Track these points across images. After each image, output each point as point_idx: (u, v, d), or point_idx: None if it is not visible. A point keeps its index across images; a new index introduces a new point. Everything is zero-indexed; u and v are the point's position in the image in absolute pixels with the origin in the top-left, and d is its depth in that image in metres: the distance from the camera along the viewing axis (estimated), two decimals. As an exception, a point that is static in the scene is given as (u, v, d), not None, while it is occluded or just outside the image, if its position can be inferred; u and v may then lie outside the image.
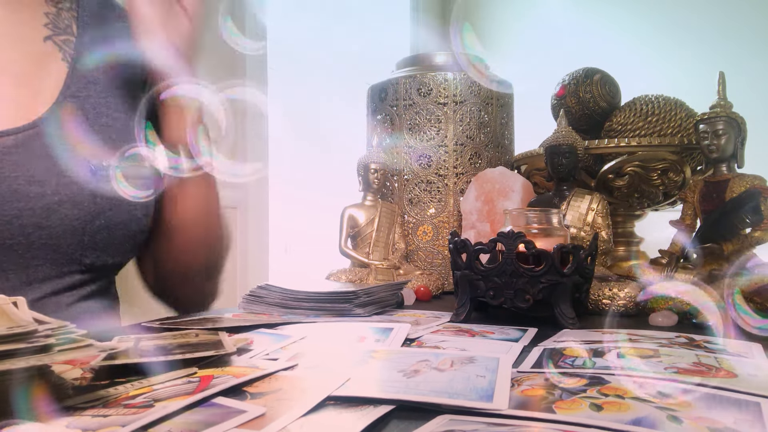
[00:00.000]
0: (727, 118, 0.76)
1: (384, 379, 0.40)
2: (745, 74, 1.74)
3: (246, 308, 0.74)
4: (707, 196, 0.77)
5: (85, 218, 0.63)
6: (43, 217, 0.61)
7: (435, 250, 1.04)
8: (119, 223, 0.67)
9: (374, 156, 1.01)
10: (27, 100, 0.64)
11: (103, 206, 0.65)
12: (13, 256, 0.61)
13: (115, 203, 0.66)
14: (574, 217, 0.86)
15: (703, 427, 0.31)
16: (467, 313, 0.66)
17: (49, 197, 0.61)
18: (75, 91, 0.67)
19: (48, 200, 0.61)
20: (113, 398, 0.36)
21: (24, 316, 0.37)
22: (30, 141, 0.62)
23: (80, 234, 0.64)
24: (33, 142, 0.62)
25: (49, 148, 0.62)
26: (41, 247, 0.62)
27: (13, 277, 0.61)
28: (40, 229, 0.61)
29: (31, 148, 0.62)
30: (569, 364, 0.44)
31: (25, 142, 0.62)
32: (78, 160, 0.63)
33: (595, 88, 1.07)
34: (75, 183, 0.63)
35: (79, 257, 0.65)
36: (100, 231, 0.65)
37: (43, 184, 0.61)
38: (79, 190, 0.63)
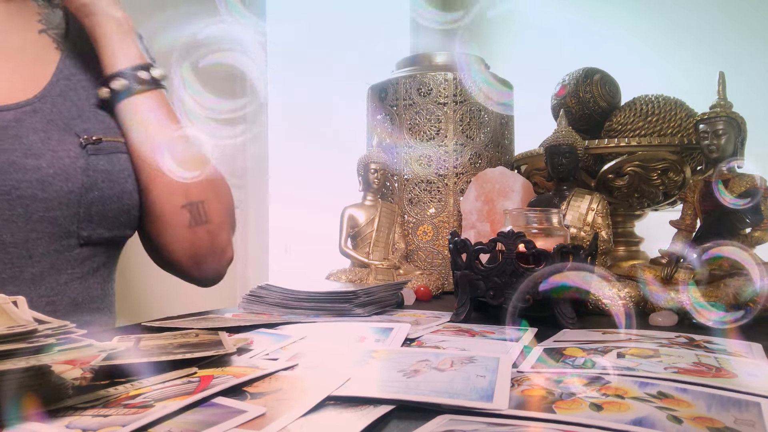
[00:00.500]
0: (727, 118, 0.76)
1: (384, 379, 0.40)
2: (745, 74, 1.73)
3: (246, 308, 0.74)
4: (707, 196, 0.77)
5: (78, 191, 0.66)
6: (39, 189, 0.64)
7: (435, 250, 1.04)
8: (112, 195, 0.69)
9: (374, 156, 1.01)
10: (24, 80, 0.68)
11: (95, 179, 0.67)
12: (13, 228, 0.63)
13: (107, 176, 0.68)
14: (574, 217, 0.86)
15: (703, 427, 0.31)
16: (467, 313, 0.66)
17: (44, 170, 0.64)
18: (68, 75, 0.71)
19: (43, 173, 0.64)
20: (113, 398, 0.36)
21: (24, 316, 0.37)
22: (27, 116, 0.65)
23: (75, 206, 0.66)
24: (30, 117, 0.65)
25: (45, 124, 0.66)
26: (39, 220, 0.64)
27: (13, 251, 0.63)
28: (37, 201, 0.64)
29: (28, 123, 0.65)
30: (569, 364, 0.44)
31: (22, 118, 0.65)
32: (70, 135, 0.67)
33: (595, 88, 1.07)
34: (67, 156, 0.66)
35: (75, 230, 0.67)
36: (94, 203, 0.67)
37: (38, 156, 0.64)
38: (71, 162, 0.66)
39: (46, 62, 0.71)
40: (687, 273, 0.75)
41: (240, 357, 0.46)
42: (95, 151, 0.68)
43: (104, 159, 0.69)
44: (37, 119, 0.66)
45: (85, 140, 0.67)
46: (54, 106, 0.68)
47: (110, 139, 0.70)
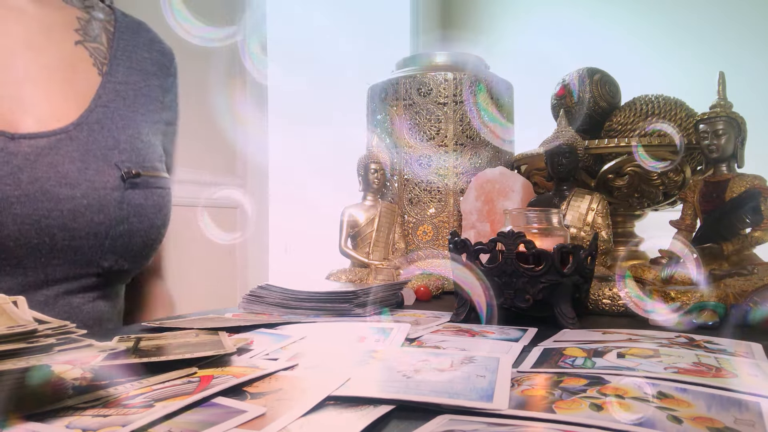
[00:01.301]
0: (727, 118, 0.76)
1: (384, 379, 0.40)
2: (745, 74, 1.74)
3: (246, 308, 0.74)
4: (707, 196, 0.77)
5: (109, 223, 0.65)
6: (69, 219, 0.62)
7: (435, 250, 1.04)
8: (140, 230, 0.68)
9: (374, 156, 1.01)
10: (60, 103, 0.66)
11: (127, 213, 0.67)
12: (36, 254, 0.62)
13: (139, 211, 0.68)
14: (574, 217, 0.86)
15: (703, 427, 0.31)
16: (467, 313, 0.66)
17: (78, 200, 0.63)
18: (106, 101, 0.69)
19: (77, 203, 0.63)
20: (113, 398, 0.36)
21: (24, 316, 0.37)
22: (62, 144, 0.63)
23: (102, 238, 0.65)
24: (66, 145, 0.64)
25: (82, 153, 0.64)
26: (63, 248, 0.63)
27: (32, 274, 0.63)
28: (65, 231, 0.62)
29: (64, 151, 0.63)
30: (569, 364, 0.44)
31: (58, 145, 0.63)
32: (108, 166, 0.66)
33: (595, 88, 1.07)
34: (104, 188, 0.65)
35: (97, 260, 0.66)
36: (122, 236, 0.67)
37: (73, 187, 0.63)
38: (107, 194, 0.65)
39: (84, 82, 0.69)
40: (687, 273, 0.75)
41: (240, 357, 0.46)
42: (132, 185, 0.67)
43: (139, 193, 0.68)
44: (73, 147, 0.64)
45: (126, 174, 0.66)
46: (90, 135, 0.66)
47: (148, 174, 0.69)
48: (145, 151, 0.70)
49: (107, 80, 0.71)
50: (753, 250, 0.74)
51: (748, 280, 0.68)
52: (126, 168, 0.67)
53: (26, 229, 0.60)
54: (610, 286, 0.73)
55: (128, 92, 0.72)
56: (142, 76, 0.75)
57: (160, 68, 0.78)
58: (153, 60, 0.77)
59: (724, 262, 0.73)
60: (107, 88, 0.70)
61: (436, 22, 3.05)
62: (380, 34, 2.69)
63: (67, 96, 0.67)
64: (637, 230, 1.11)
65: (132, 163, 0.68)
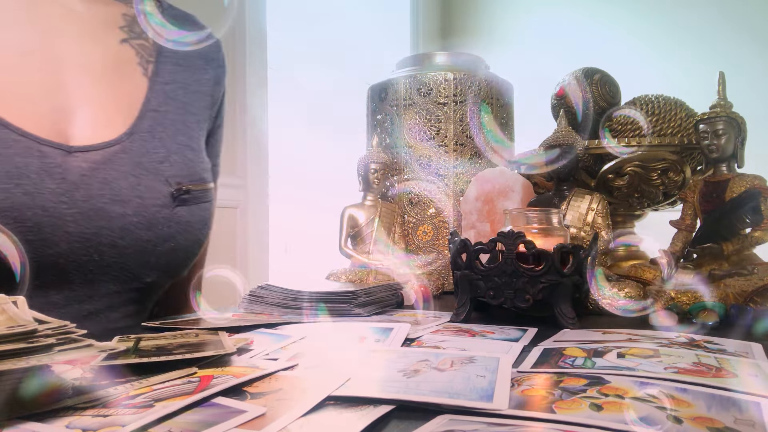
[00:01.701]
0: (727, 118, 0.76)
1: (384, 379, 0.40)
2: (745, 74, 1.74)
3: (246, 308, 0.74)
4: (707, 196, 0.77)
5: (156, 241, 0.64)
6: (118, 237, 0.62)
7: (435, 250, 1.04)
8: (186, 246, 0.68)
9: (374, 156, 1.01)
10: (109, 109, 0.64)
11: (175, 230, 0.66)
12: (83, 270, 0.61)
13: (186, 228, 0.67)
14: (574, 217, 0.85)
15: (703, 427, 0.31)
16: (467, 313, 0.66)
17: (129, 218, 0.62)
18: (156, 105, 0.68)
19: (127, 221, 0.62)
20: (113, 398, 0.36)
21: (24, 316, 0.37)
22: (116, 157, 0.62)
23: (149, 255, 0.65)
24: (119, 158, 0.62)
25: (133, 167, 0.63)
26: (110, 265, 0.62)
27: (78, 289, 0.62)
28: (114, 248, 0.62)
29: (117, 165, 0.62)
30: (569, 364, 0.44)
31: (111, 159, 0.62)
32: (159, 181, 0.65)
33: (595, 88, 1.07)
34: (154, 205, 0.63)
35: (142, 276, 0.66)
36: (167, 253, 0.66)
37: (125, 204, 0.62)
38: (157, 212, 0.64)
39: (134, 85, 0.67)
40: (687, 273, 0.75)
41: (240, 357, 0.46)
42: (181, 201, 0.66)
43: (187, 210, 0.67)
44: (126, 160, 0.63)
45: (176, 191, 0.65)
46: (142, 146, 0.65)
47: (197, 187, 0.68)
48: (194, 161, 0.69)
49: (155, 81, 0.69)
50: (753, 250, 0.74)
51: (748, 280, 0.68)
52: (176, 184, 0.65)
53: (77, 247, 0.59)
54: (610, 286, 0.73)
55: (177, 92, 0.70)
56: (190, 72, 0.73)
57: (207, 61, 0.76)
58: (200, 53, 0.75)
59: (724, 262, 0.73)
60: (156, 90, 0.68)
61: (436, 22, 3.05)
62: (380, 34, 2.69)
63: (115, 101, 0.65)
64: (637, 230, 1.11)
65: (182, 176, 0.67)
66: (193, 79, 0.73)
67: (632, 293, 0.71)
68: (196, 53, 0.74)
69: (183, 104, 0.70)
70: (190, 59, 0.74)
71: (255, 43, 2.00)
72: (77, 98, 0.63)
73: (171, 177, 0.65)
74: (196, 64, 0.75)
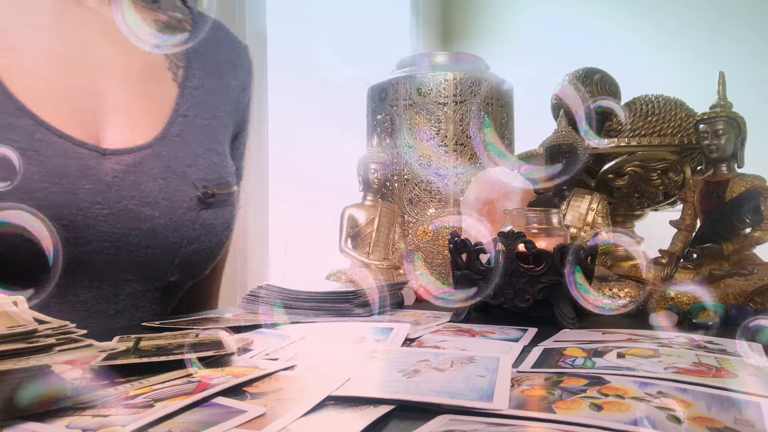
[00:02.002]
0: (727, 118, 0.76)
1: (384, 379, 0.40)
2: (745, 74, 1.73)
3: (246, 308, 0.74)
4: (707, 196, 0.77)
5: (181, 242, 0.66)
6: (147, 238, 0.64)
7: (435, 250, 1.04)
8: (209, 247, 0.70)
9: (374, 156, 1.01)
10: (141, 114, 0.66)
11: (200, 233, 0.68)
12: (112, 269, 0.63)
13: (210, 230, 0.69)
14: (574, 217, 0.86)
15: (703, 427, 0.31)
16: (467, 313, 0.66)
17: (157, 220, 0.64)
18: (185, 110, 0.69)
19: (155, 222, 0.64)
20: (113, 398, 0.36)
21: (24, 316, 0.37)
22: (146, 161, 0.64)
23: (173, 255, 0.66)
24: (149, 162, 0.64)
25: (163, 170, 0.65)
26: (137, 265, 0.64)
27: (106, 288, 0.64)
28: (141, 249, 0.64)
29: (148, 168, 0.64)
30: (569, 364, 0.44)
31: (142, 162, 0.64)
32: (186, 185, 0.66)
33: (595, 88, 1.07)
34: (181, 208, 0.66)
35: (165, 275, 0.67)
36: (191, 254, 0.68)
37: (153, 206, 0.63)
38: (183, 214, 0.66)
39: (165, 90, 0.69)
40: (687, 273, 0.75)
41: (240, 357, 0.46)
42: (206, 205, 0.68)
43: (212, 213, 0.69)
44: (156, 164, 0.65)
45: (203, 194, 0.67)
46: (172, 150, 0.67)
47: (222, 191, 0.70)
48: (220, 166, 0.71)
49: (184, 86, 0.70)
50: (753, 250, 0.74)
51: (748, 280, 0.68)
52: (203, 187, 0.67)
53: (107, 246, 0.61)
54: (610, 286, 0.73)
55: (205, 97, 0.72)
56: (217, 78, 0.75)
57: (235, 67, 0.78)
58: (228, 59, 0.77)
59: (724, 262, 0.73)
60: (185, 95, 0.70)
61: (436, 22, 3.05)
62: (380, 34, 2.69)
63: (146, 105, 0.67)
64: (637, 230, 1.11)
65: (208, 181, 0.69)
66: (220, 85, 0.75)
67: (632, 293, 0.71)
68: (224, 59, 0.76)
69: (210, 109, 0.72)
70: (218, 65, 0.75)
71: (255, 43, 2.00)
72: (111, 102, 0.64)
73: (198, 180, 0.67)
74: (224, 69, 0.76)
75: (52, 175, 0.57)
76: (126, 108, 0.65)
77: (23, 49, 0.60)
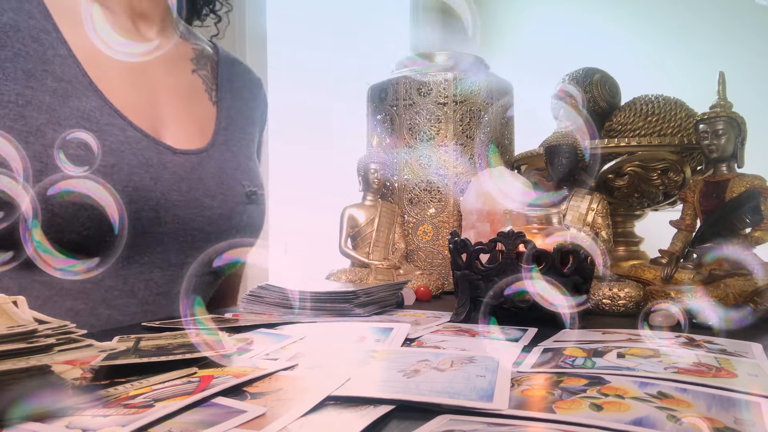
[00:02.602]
0: (727, 118, 0.76)
1: (384, 379, 0.40)
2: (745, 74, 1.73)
3: (246, 308, 0.74)
4: (707, 196, 0.77)
5: (230, 231, 0.77)
6: (207, 224, 0.75)
7: (435, 250, 1.04)
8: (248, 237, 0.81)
9: (374, 156, 1.01)
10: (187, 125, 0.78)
11: (245, 224, 0.79)
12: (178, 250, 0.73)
13: (251, 222, 0.81)
14: (574, 217, 0.86)
15: (703, 427, 0.31)
16: (467, 313, 0.66)
17: (215, 209, 0.75)
18: (224, 125, 0.82)
19: (214, 212, 0.75)
20: (113, 398, 0.36)
21: (24, 316, 0.37)
22: (204, 161, 0.76)
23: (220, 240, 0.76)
24: (206, 162, 0.76)
25: (217, 170, 0.77)
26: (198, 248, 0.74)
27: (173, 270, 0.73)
28: (203, 233, 0.74)
29: (207, 167, 0.76)
30: (569, 364, 0.44)
31: (202, 162, 0.76)
32: (236, 183, 0.79)
33: (595, 88, 1.07)
34: (233, 201, 0.77)
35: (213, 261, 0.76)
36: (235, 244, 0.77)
37: (213, 198, 0.75)
38: (235, 206, 0.78)
39: (205, 108, 0.82)
40: (687, 273, 0.75)
41: (240, 357, 0.46)
42: (251, 201, 0.80)
43: (253, 208, 0.81)
44: (212, 165, 0.77)
45: (249, 192, 0.80)
46: (221, 154, 0.79)
47: (260, 191, 0.83)
48: (255, 170, 0.84)
49: (220, 106, 0.83)
50: (753, 250, 0.74)
51: (748, 280, 0.68)
52: (248, 187, 0.80)
53: (177, 227, 0.72)
54: (610, 286, 0.73)
55: (236, 117, 0.85)
56: (242, 102, 0.88)
57: (253, 96, 0.92)
58: (248, 89, 0.91)
59: (724, 262, 0.73)
60: (222, 113, 0.83)
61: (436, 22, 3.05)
62: (380, 34, 2.69)
63: (193, 119, 0.79)
64: (637, 230, 1.11)
65: (249, 181, 0.81)
66: (245, 107, 0.88)
67: (632, 293, 0.72)
68: (243, 86, 0.90)
69: (241, 126, 0.85)
70: (240, 91, 0.89)
71: (255, 43, 2.00)
72: (166, 116, 0.76)
73: (243, 180, 0.80)
74: (245, 96, 0.90)
75: (142, 165, 0.68)
76: (178, 122, 0.76)
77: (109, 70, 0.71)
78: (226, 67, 0.89)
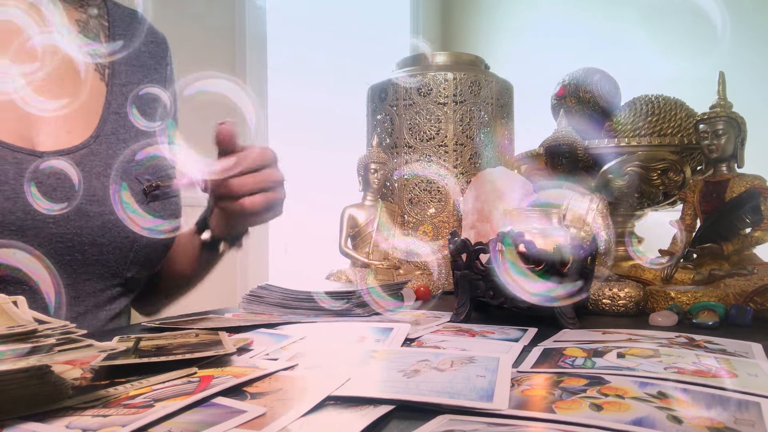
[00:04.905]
0: (727, 118, 0.76)
1: (384, 379, 0.40)
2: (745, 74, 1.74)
3: (246, 308, 0.74)
4: (707, 196, 0.77)
5: (132, 236, 0.66)
6: (98, 235, 0.64)
7: (435, 250, 1.04)
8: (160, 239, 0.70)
9: (374, 156, 1.01)
10: (72, 116, 0.66)
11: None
12: (68, 271, 0.63)
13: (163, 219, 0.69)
14: (574, 217, 0.85)
15: (703, 427, 0.31)
16: (467, 313, 0.66)
17: (106, 216, 0.64)
18: (116, 108, 0.69)
19: (106, 219, 0.64)
20: (113, 398, 0.36)
21: (24, 316, 0.37)
22: (86, 160, 0.64)
23: (127, 250, 0.67)
24: (89, 161, 0.64)
25: (104, 167, 0.65)
26: (92, 263, 0.64)
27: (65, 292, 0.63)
28: (95, 246, 0.64)
29: (89, 167, 0.64)
30: (569, 364, 0.44)
31: (82, 161, 0.64)
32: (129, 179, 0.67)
33: (595, 88, 1.07)
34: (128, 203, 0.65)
35: (122, 272, 0.68)
36: (145, 248, 0.68)
37: (101, 203, 0.64)
38: None
39: (91, 88, 0.69)
40: (687, 273, 0.75)
41: (240, 357, 0.46)
42: (153, 197, 0.69)
43: (158, 204, 0.69)
44: (97, 162, 0.65)
45: (147, 188, 0.68)
46: (109, 147, 0.67)
47: (165, 184, 0.70)
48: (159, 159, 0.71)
49: (113, 84, 0.70)
50: (753, 250, 0.74)
51: (748, 280, 0.68)
52: (146, 181, 0.68)
53: (60, 247, 0.61)
54: (610, 286, 0.73)
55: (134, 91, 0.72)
56: (143, 73, 0.75)
57: (158, 60, 0.78)
58: (151, 52, 0.77)
59: (724, 262, 0.73)
60: (114, 92, 0.70)
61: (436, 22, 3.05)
62: (380, 34, 2.69)
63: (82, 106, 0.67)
64: (637, 230, 1.11)
65: (150, 174, 0.69)
66: (147, 79, 0.75)
67: (632, 293, 0.72)
68: (147, 53, 0.76)
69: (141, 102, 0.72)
70: (142, 59, 0.76)
71: (255, 43, 2.00)
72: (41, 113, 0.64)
73: (140, 175, 0.68)
74: (148, 63, 0.76)
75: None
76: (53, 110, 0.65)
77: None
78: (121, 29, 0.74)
